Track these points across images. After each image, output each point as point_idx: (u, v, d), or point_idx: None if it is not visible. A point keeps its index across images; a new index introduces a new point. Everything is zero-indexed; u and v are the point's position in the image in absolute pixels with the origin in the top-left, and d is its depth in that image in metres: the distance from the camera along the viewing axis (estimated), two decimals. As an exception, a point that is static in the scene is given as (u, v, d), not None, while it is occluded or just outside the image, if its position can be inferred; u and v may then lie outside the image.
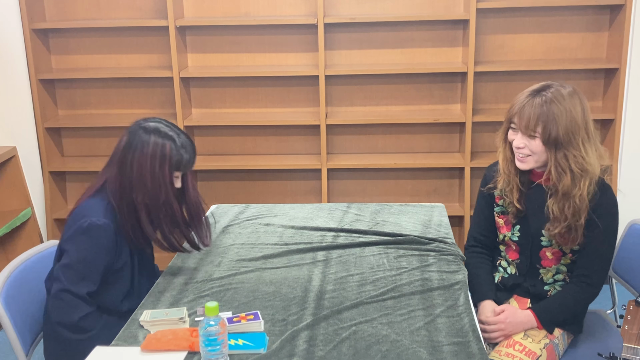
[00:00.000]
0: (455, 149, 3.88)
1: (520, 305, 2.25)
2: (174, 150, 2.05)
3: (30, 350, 2.15)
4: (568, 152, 1.99)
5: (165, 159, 2.04)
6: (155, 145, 2.04)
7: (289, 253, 2.35)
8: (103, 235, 2.01)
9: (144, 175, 2.03)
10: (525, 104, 2.00)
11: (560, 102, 1.97)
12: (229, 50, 3.79)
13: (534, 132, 2.00)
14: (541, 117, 1.97)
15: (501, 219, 2.25)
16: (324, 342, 1.76)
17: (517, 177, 2.14)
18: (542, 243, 2.16)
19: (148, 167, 2.03)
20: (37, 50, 3.69)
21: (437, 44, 3.72)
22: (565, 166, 2.00)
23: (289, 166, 3.77)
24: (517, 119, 2.03)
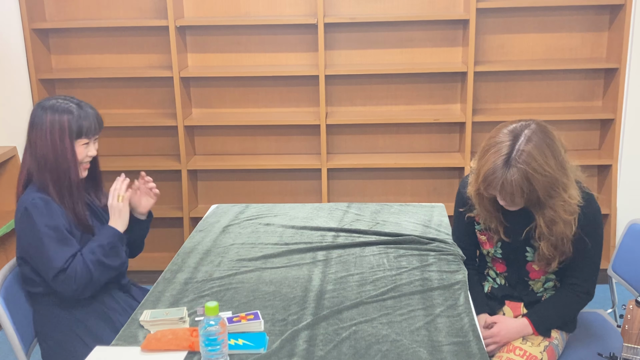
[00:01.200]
0: (455, 149, 3.88)
1: (514, 310, 2.24)
2: (73, 121, 2.11)
3: (29, 350, 2.15)
4: (554, 205, 1.97)
5: (65, 131, 2.10)
6: (53, 120, 2.10)
7: (289, 253, 2.35)
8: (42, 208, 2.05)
9: (47, 152, 2.10)
10: (502, 180, 1.91)
11: (534, 167, 1.89)
12: (229, 50, 3.79)
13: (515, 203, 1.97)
14: (523, 189, 1.90)
15: (484, 235, 2.23)
16: (324, 342, 1.76)
17: (499, 213, 2.11)
18: (527, 258, 2.16)
19: (49, 143, 2.09)
20: (37, 50, 3.69)
21: (437, 43, 3.72)
22: (555, 217, 1.98)
23: (289, 166, 3.77)
24: (496, 192, 1.97)
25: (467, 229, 2.29)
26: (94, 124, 2.17)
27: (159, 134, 3.91)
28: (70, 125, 2.11)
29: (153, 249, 3.99)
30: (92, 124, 2.16)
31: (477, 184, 2.00)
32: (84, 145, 2.16)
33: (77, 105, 2.15)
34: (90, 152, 2.19)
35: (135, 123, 3.76)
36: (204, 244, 2.48)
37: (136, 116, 3.84)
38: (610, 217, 3.70)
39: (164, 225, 3.99)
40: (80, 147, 2.15)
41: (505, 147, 1.92)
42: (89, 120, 2.15)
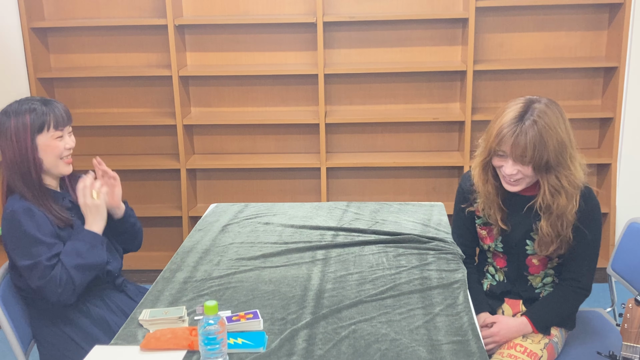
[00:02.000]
0: (454, 148, 3.88)
1: (513, 308, 2.25)
2: (35, 118, 2.09)
3: (28, 349, 2.15)
4: (559, 173, 1.98)
5: (27, 128, 2.08)
6: (16, 123, 2.08)
7: (288, 252, 2.35)
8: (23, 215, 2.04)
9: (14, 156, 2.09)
10: (516, 132, 1.93)
11: (549, 125, 1.93)
12: (228, 48, 3.79)
13: (525, 158, 1.95)
14: (536, 145, 1.92)
15: (484, 230, 2.24)
16: (323, 341, 1.76)
17: (498, 198, 2.12)
18: (527, 252, 2.16)
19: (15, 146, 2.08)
20: (36, 49, 3.69)
21: (437, 42, 3.72)
22: (558, 187, 1.99)
23: (288, 165, 3.76)
24: (507, 147, 1.97)
25: (467, 225, 2.29)
26: (60, 115, 2.14)
27: (157, 133, 3.91)
28: (32, 123, 2.09)
29: (152, 248, 3.99)
30: (58, 116, 2.13)
31: (488, 145, 2.02)
32: (58, 139, 2.14)
33: (40, 102, 2.13)
34: (67, 145, 2.16)
35: (134, 122, 3.76)
36: (203, 243, 2.48)
37: (135, 115, 3.84)
38: (609, 216, 3.70)
39: (163, 224, 3.99)
40: (54, 141, 2.12)
41: (520, 107, 1.98)
42: (55, 113, 2.12)
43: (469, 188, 2.22)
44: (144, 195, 4.02)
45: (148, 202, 4.03)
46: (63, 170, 2.18)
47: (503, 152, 2.00)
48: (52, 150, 2.13)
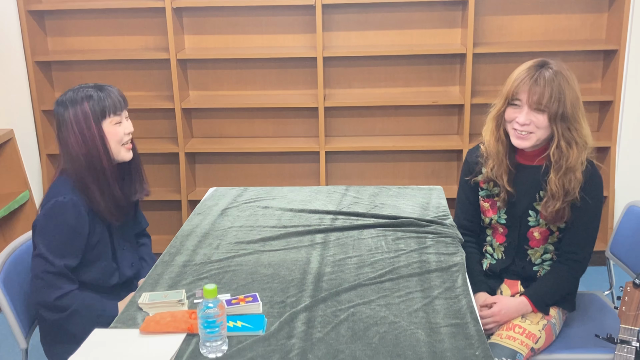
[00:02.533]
0: (453, 131, 3.87)
1: (511, 289, 2.27)
2: (95, 105, 2.08)
3: (29, 332, 2.16)
4: (571, 126, 2.02)
5: (89, 116, 2.07)
6: (75, 112, 2.07)
7: (287, 236, 2.35)
8: (69, 212, 2.04)
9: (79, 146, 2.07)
10: (535, 78, 1.99)
11: (566, 75, 1.99)
12: (226, 31, 3.77)
13: (545, 107, 1.99)
14: (553, 91, 1.97)
15: (486, 202, 2.25)
16: (322, 324, 1.76)
17: (506, 159, 2.15)
18: (530, 223, 2.17)
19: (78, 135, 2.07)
20: (33, 32, 3.66)
21: (436, 25, 3.70)
22: (571, 139, 2.02)
23: (287, 149, 3.76)
24: (525, 94, 2.01)
25: (471, 199, 2.31)
26: (117, 100, 2.13)
27: (156, 117, 3.90)
28: (93, 110, 2.07)
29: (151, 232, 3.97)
30: (115, 100, 2.12)
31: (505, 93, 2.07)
32: (117, 125, 2.13)
33: (94, 88, 2.11)
34: (127, 129, 2.16)
35: (132, 106, 3.73)
36: (202, 226, 2.48)
37: (133, 99, 3.82)
38: (608, 199, 3.70)
39: (162, 208, 3.99)
40: (113, 127, 2.12)
41: (535, 61, 2.05)
42: (112, 98, 2.11)
43: (475, 160, 2.25)
44: (142, 179, 4.01)
45: (147, 186, 4.02)
46: (125, 156, 2.18)
47: (519, 100, 2.03)
48: (113, 137, 2.12)
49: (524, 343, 2.06)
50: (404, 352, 1.63)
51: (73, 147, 2.08)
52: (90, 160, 2.08)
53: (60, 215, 2.03)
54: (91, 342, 1.72)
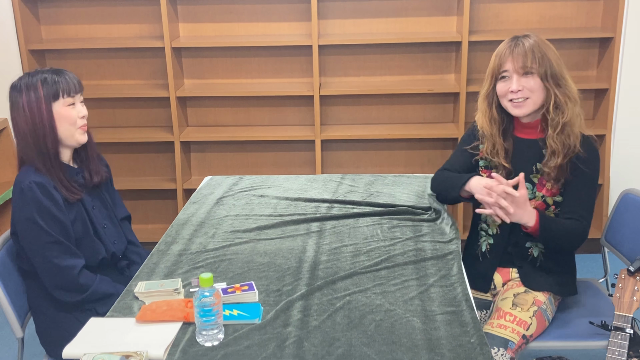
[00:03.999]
0: (449, 120, 3.87)
1: (503, 277, 2.28)
2: (47, 86, 2.08)
3: (24, 322, 2.16)
4: (561, 82, 2.10)
5: (41, 99, 2.07)
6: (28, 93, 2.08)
7: (283, 224, 2.36)
8: (37, 192, 2.04)
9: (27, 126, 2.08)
10: (514, 47, 2.09)
11: (543, 40, 2.10)
12: (221, 19, 3.75)
13: (531, 68, 2.07)
14: (535, 52, 2.07)
15: (485, 173, 2.28)
16: (318, 312, 1.77)
17: (500, 138, 2.20)
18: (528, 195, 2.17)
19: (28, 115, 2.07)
20: (27, 20, 3.64)
21: (432, 12, 3.69)
22: (564, 95, 2.10)
23: (283, 137, 3.75)
24: (509, 63, 2.10)
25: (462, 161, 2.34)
26: (72, 83, 2.13)
27: (151, 105, 3.89)
28: (45, 92, 2.08)
29: (147, 221, 3.99)
30: (70, 83, 2.12)
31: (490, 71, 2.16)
32: (71, 107, 2.13)
33: (50, 72, 2.12)
34: (80, 113, 2.16)
35: (127, 94, 3.73)
36: (198, 215, 2.48)
37: (128, 87, 3.81)
38: (603, 187, 3.71)
39: (157, 197, 3.99)
40: (66, 108, 2.12)
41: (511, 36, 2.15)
42: (66, 80, 2.12)
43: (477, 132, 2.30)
44: (138, 168, 4.00)
45: (142, 175, 4.02)
46: (79, 138, 2.17)
47: (506, 71, 2.11)
48: (66, 119, 2.12)
49: (515, 331, 2.07)
50: (400, 340, 1.63)
51: (23, 128, 2.09)
52: (39, 141, 2.09)
53: (32, 201, 2.04)
54: (87, 330, 1.72)
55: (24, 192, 2.04)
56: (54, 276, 2.06)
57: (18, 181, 2.08)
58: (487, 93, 2.19)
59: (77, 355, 1.60)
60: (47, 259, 2.05)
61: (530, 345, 2.14)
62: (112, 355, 1.56)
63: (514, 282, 2.26)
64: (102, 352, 1.58)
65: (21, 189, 2.05)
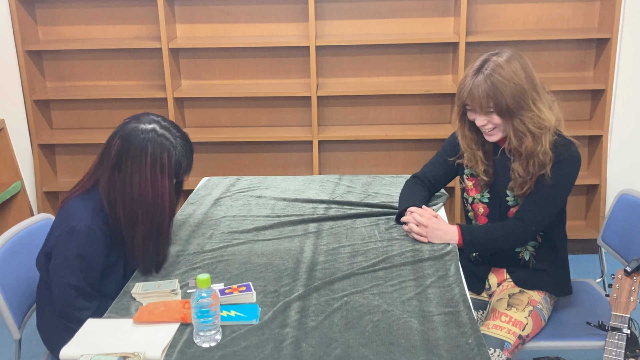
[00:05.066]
0: (446, 120, 3.88)
1: (497, 277, 2.29)
2: (173, 158, 1.96)
3: (22, 323, 2.15)
4: (523, 117, 2.05)
5: (165, 169, 1.93)
6: (154, 154, 1.92)
7: (280, 225, 2.36)
8: (88, 240, 1.94)
9: (143, 187, 1.92)
10: (471, 86, 2.05)
11: (500, 74, 2.02)
12: (218, 20, 3.75)
13: (488, 108, 2.05)
14: (489, 93, 2.03)
15: (470, 181, 2.30)
16: (315, 313, 1.77)
17: (479, 151, 2.20)
18: (509, 203, 2.19)
19: (148, 178, 1.92)
20: (23, 21, 3.63)
21: (429, 13, 3.69)
22: (524, 130, 2.06)
23: (280, 138, 3.75)
24: (469, 101, 2.08)
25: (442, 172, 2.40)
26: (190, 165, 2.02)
27: (148, 106, 3.88)
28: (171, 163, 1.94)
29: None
30: (189, 164, 2.02)
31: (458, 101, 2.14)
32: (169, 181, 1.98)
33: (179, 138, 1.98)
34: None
35: (124, 95, 3.73)
36: (195, 216, 2.48)
37: (125, 88, 3.81)
38: (600, 188, 3.72)
39: (155, 198, 3.98)
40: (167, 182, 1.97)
41: (478, 62, 2.08)
42: (187, 160, 2.01)
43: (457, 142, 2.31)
44: (135, 168, 4.00)
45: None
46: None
47: (469, 105, 2.11)
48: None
49: (511, 331, 2.07)
50: (397, 341, 1.64)
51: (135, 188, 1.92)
52: (151, 211, 1.94)
53: (77, 245, 1.93)
54: (85, 331, 1.72)
55: (75, 232, 1.92)
56: (64, 308, 1.98)
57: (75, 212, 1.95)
58: (459, 116, 2.19)
59: (74, 356, 1.60)
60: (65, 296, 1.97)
61: (527, 345, 2.14)
62: (110, 356, 1.56)
63: (509, 283, 2.27)
64: (100, 353, 1.58)
65: (73, 227, 1.92)
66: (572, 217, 3.87)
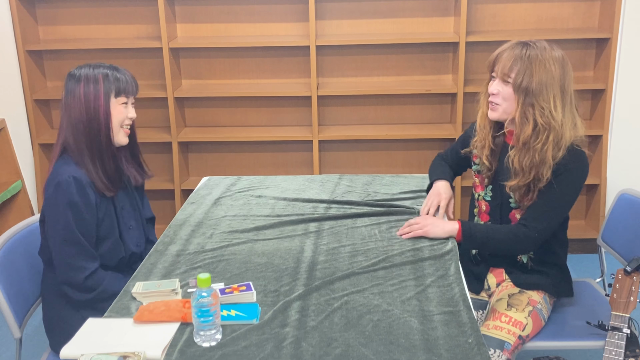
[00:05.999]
0: (446, 120, 3.88)
1: (496, 277, 2.29)
2: (107, 80, 2.11)
3: (23, 323, 2.16)
4: (536, 103, 2.02)
5: (99, 91, 2.10)
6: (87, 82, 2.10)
7: (281, 224, 2.36)
8: (73, 189, 2.05)
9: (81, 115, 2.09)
10: (506, 49, 2.06)
11: (542, 55, 2.02)
12: (219, 20, 3.75)
13: (509, 77, 2.04)
14: (517, 63, 2.02)
15: (477, 177, 2.31)
16: (315, 312, 1.77)
17: (490, 136, 2.19)
18: (511, 205, 2.19)
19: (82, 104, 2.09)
20: (24, 21, 3.64)
21: (429, 13, 3.69)
22: (529, 115, 2.03)
23: (280, 138, 3.76)
24: (498, 65, 2.08)
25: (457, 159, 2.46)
26: (131, 83, 2.17)
27: (148, 106, 3.88)
28: (106, 85, 2.10)
29: (145, 222, 3.98)
30: (129, 83, 2.16)
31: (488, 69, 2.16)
32: (123, 105, 2.16)
33: (111, 68, 2.15)
34: (130, 114, 2.19)
35: (125, 95, 3.73)
36: (196, 216, 2.48)
37: (126, 88, 3.81)
38: (600, 187, 3.72)
39: (155, 197, 3.98)
40: (119, 106, 2.15)
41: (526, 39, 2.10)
42: (126, 79, 2.15)
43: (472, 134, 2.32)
44: (135, 168, 4.00)
45: (140, 176, 4.01)
46: (121, 139, 2.19)
47: (494, 72, 2.10)
48: (117, 116, 2.14)
49: (511, 332, 2.07)
50: (397, 340, 1.64)
51: (76, 116, 2.10)
52: (89, 130, 2.10)
53: (65, 195, 2.05)
54: (85, 331, 1.72)
55: (60, 184, 2.05)
56: (65, 272, 2.08)
57: (56, 172, 2.09)
58: (486, 87, 2.18)
59: (74, 355, 1.60)
60: (63, 256, 2.07)
61: (527, 345, 2.14)
62: (110, 356, 1.56)
63: (508, 283, 2.27)
64: (100, 353, 1.58)
65: (58, 182, 2.05)
66: (572, 217, 3.85)
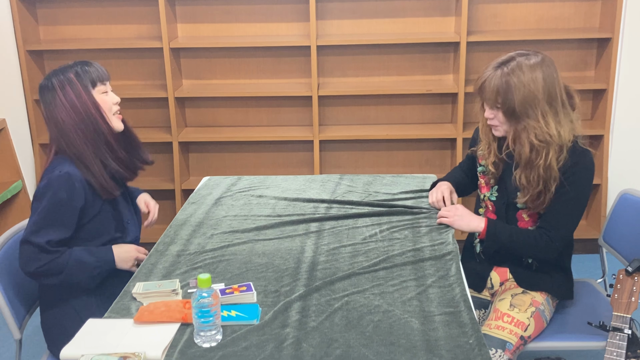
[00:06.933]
0: (447, 120, 3.87)
1: (500, 276, 2.29)
2: (80, 76, 2.11)
3: (23, 323, 2.15)
4: (527, 124, 2.04)
5: (79, 89, 2.10)
6: (61, 83, 2.09)
7: (281, 225, 2.36)
8: (62, 185, 2.04)
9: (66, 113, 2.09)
10: (486, 78, 2.06)
11: (519, 75, 2.01)
12: (220, 20, 3.75)
13: (497, 103, 2.05)
14: (500, 89, 2.02)
15: (482, 178, 2.31)
16: (316, 313, 1.77)
17: (494, 143, 2.21)
18: (518, 205, 2.19)
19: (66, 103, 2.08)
20: (25, 20, 3.64)
21: (430, 13, 3.69)
22: (523, 137, 2.05)
23: (281, 138, 3.75)
24: (480, 92, 2.10)
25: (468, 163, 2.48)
26: (101, 70, 2.18)
27: (149, 106, 3.88)
28: (81, 81, 2.10)
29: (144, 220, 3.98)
30: (99, 71, 2.16)
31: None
32: (104, 94, 2.16)
33: (77, 63, 2.16)
34: (114, 99, 2.19)
35: (125, 95, 3.71)
36: (197, 216, 2.48)
37: (126, 88, 3.81)
38: (601, 187, 3.71)
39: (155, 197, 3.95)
40: (101, 96, 2.15)
41: (504, 57, 2.07)
42: (95, 68, 2.16)
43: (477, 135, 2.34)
44: (136, 168, 4.00)
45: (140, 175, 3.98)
46: (117, 125, 2.20)
47: (483, 100, 2.12)
48: (104, 105, 2.15)
49: (513, 332, 2.07)
50: (398, 341, 1.63)
51: (64, 121, 2.09)
52: (86, 128, 2.10)
53: (52, 190, 2.03)
54: (85, 332, 1.72)
55: (51, 180, 2.04)
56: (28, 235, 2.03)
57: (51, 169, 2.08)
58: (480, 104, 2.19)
59: (75, 356, 1.60)
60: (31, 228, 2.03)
61: (528, 345, 2.14)
62: (110, 357, 1.56)
63: (512, 283, 2.26)
64: (100, 354, 1.58)
65: (50, 177, 2.05)
66: (574, 217, 3.87)
